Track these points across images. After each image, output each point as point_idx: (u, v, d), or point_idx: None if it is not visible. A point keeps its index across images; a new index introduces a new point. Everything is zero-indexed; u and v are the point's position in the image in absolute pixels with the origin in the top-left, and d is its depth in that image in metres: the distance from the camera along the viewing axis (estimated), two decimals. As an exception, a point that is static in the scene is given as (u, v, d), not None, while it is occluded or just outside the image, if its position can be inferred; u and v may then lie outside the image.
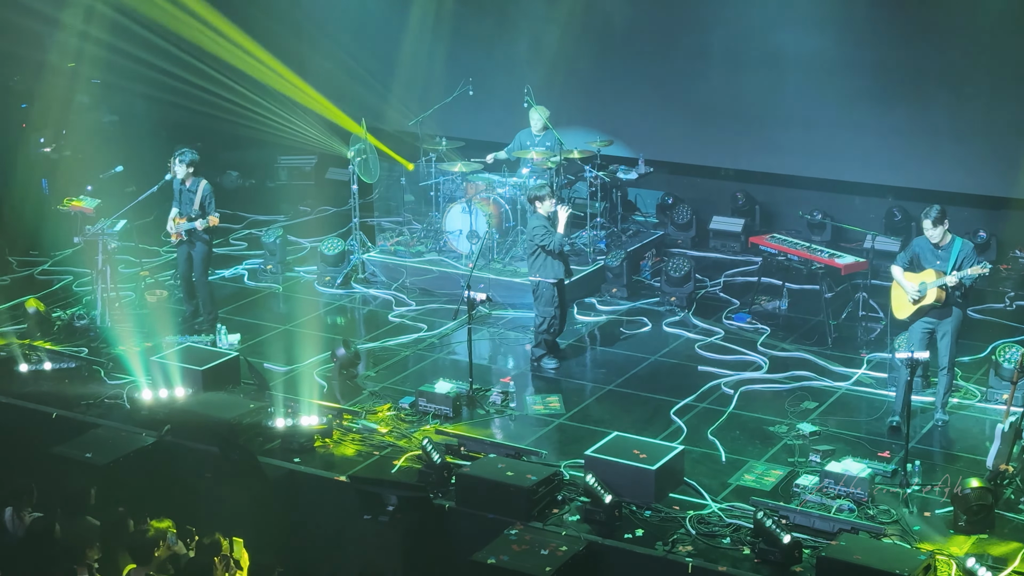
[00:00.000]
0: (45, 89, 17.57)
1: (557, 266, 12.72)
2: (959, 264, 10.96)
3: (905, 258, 11.30)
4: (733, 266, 15.53)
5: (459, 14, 17.16)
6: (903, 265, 11.27)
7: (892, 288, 11.42)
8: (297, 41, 18.48)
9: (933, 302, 11.03)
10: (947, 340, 11.16)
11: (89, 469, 10.93)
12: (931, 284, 10.99)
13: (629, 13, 16.21)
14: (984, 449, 10.66)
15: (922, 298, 11.06)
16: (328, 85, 17.52)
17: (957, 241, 11.08)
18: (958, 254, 11.00)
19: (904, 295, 11.20)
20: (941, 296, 11.00)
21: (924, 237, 11.18)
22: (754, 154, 16.09)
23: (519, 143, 15.38)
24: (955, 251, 11.01)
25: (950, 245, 11.05)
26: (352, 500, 10.41)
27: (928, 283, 11.01)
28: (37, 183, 17.16)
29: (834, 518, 9.75)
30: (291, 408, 11.66)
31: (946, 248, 11.05)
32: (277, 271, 15.46)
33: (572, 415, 11.97)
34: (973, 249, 11.12)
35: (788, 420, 11.63)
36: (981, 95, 14.74)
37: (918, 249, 11.22)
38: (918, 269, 11.17)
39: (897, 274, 11.27)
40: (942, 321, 11.14)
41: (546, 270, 12.70)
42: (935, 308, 11.08)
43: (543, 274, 12.70)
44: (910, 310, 11.19)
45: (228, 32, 17.54)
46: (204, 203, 13.52)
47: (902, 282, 11.21)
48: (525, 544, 9.63)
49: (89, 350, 13.30)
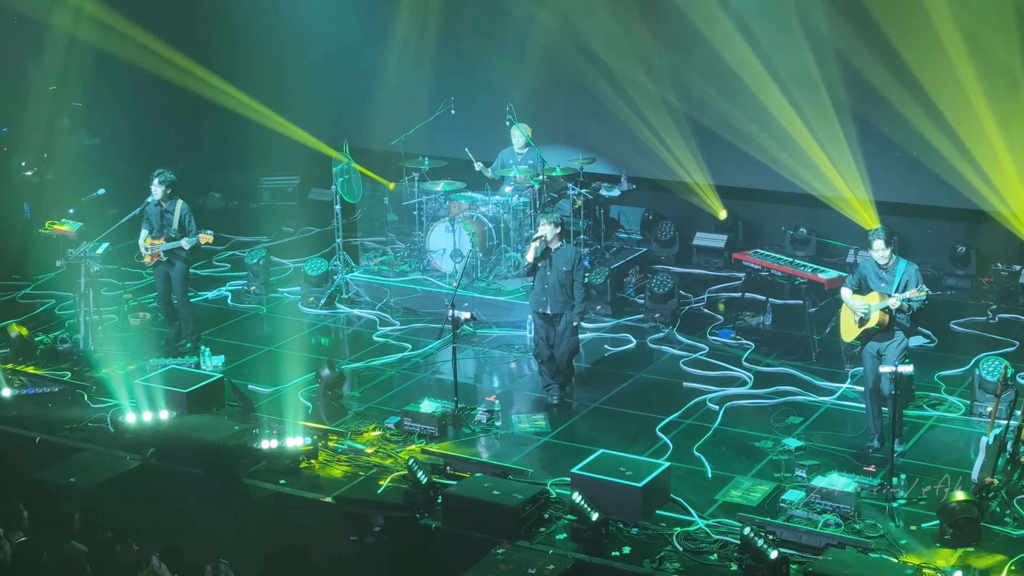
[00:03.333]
0: (26, 112, 17.55)
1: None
2: (902, 286, 10.86)
3: (853, 280, 11.20)
4: (717, 282, 15.57)
5: (441, 34, 17.18)
6: (851, 287, 11.17)
7: (841, 311, 11.34)
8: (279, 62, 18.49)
9: (876, 325, 10.94)
10: (891, 365, 10.80)
11: (73, 493, 10.87)
12: (875, 307, 10.91)
13: (611, 31, 16.25)
14: (969, 462, 10.69)
15: (867, 320, 10.99)
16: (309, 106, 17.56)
17: (901, 263, 10.98)
18: (901, 276, 10.89)
19: (851, 317, 11.12)
20: (884, 319, 10.89)
21: (870, 259, 11.09)
22: (736, 170, 16.13)
23: (501, 162, 15.41)
24: (899, 273, 10.91)
25: (894, 267, 10.96)
26: (338, 521, 10.38)
27: (872, 306, 10.94)
28: (19, 207, 17.11)
29: (821, 533, 9.77)
30: (276, 429, 11.61)
31: (890, 270, 10.95)
32: (261, 292, 15.44)
33: (558, 433, 11.96)
34: (917, 271, 10.99)
35: (774, 435, 11.64)
36: (960, 109, 14.79)
37: (864, 271, 11.12)
38: (865, 291, 11.08)
39: (846, 296, 11.18)
40: (885, 344, 11.01)
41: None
42: (879, 331, 10.99)
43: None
44: (855, 332, 11.12)
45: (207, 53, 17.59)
46: (183, 222, 13.51)
47: (850, 303, 11.11)
48: (512, 563, 9.60)
49: (72, 374, 13.25)
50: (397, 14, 17.26)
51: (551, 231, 12.23)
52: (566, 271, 12.26)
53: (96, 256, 13.81)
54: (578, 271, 12.35)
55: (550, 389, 12.62)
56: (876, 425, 11.23)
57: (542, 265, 12.31)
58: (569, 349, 12.47)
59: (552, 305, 12.35)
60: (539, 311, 12.45)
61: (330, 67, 17.79)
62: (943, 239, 15.35)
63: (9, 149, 17.54)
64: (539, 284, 12.37)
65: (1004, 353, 12.84)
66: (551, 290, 12.30)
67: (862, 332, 11.06)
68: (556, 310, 12.36)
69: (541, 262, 12.31)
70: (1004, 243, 15.12)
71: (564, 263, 12.27)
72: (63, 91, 17.94)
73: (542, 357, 12.54)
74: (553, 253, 12.30)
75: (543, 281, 12.32)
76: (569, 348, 12.46)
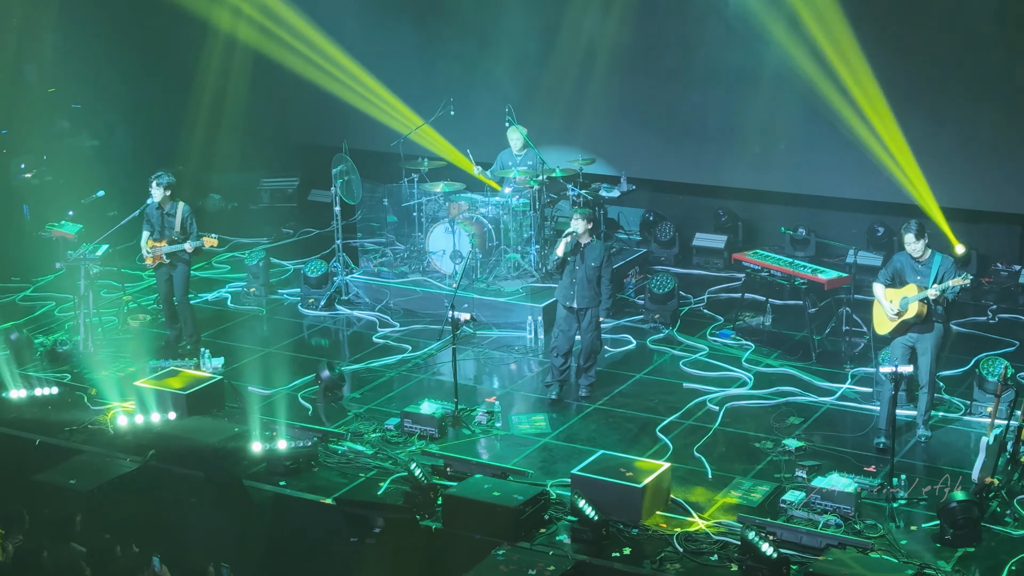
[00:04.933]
0: (25, 114, 17.55)
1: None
2: (940, 278, 10.98)
3: (887, 274, 11.30)
4: (716, 283, 15.56)
5: (440, 34, 17.18)
6: (884, 282, 11.26)
7: (874, 305, 11.42)
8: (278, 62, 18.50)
9: (914, 317, 11.03)
10: (928, 356, 11.16)
11: (73, 495, 10.86)
12: (912, 298, 10.99)
13: (610, 32, 16.25)
14: (969, 462, 10.69)
15: (903, 312, 11.07)
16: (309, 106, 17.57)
17: (937, 256, 11.09)
18: (938, 268, 11.00)
19: (885, 310, 11.22)
20: (923, 311, 11.00)
21: (904, 252, 11.21)
22: (736, 171, 16.13)
23: (501, 163, 15.41)
24: (935, 265, 11.02)
25: (930, 260, 11.07)
26: (338, 523, 10.37)
27: (910, 297, 11.01)
28: (18, 209, 17.11)
29: (821, 533, 9.76)
30: (276, 431, 11.61)
31: (926, 263, 11.07)
32: (260, 294, 15.42)
33: (558, 434, 11.95)
34: (954, 263, 11.13)
35: (774, 436, 11.64)
36: (960, 110, 14.81)
37: (899, 264, 11.23)
38: (900, 285, 11.18)
39: (878, 291, 11.27)
40: (922, 336, 11.13)
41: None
42: (916, 323, 11.09)
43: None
44: (891, 325, 11.19)
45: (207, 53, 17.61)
46: (185, 224, 13.51)
47: (882, 299, 11.21)
48: (513, 564, 9.60)
49: (72, 376, 13.24)
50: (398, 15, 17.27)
51: (583, 226, 12.29)
52: (595, 267, 12.32)
53: (96, 258, 13.80)
54: (606, 268, 12.42)
55: (551, 387, 12.63)
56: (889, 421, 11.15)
57: (571, 260, 12.36)
58: (591, 342, 12.54)
59: (579, 300, 12.40)
60: (566, 304, 12.50)
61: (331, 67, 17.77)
62: (943, 239, 15.32)
63: (8, 151, 17.54)
64: (567, 278, 12.43)
65: (1004, 353, 12.85)
66: (579, 284, 12.36)
67: (899, 324, 11.10)
68: (583, 304, 12.42)
69: (571, 257, 12.34)
70: (1004, 243, 15.13)
71: (594, 259, 12.34)
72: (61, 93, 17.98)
73: (559, 351, 12.57)
74: (584, 248, 12.36)
75: (572, 276, 12.38)
76: (591, 341, 12.53)
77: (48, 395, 12.74)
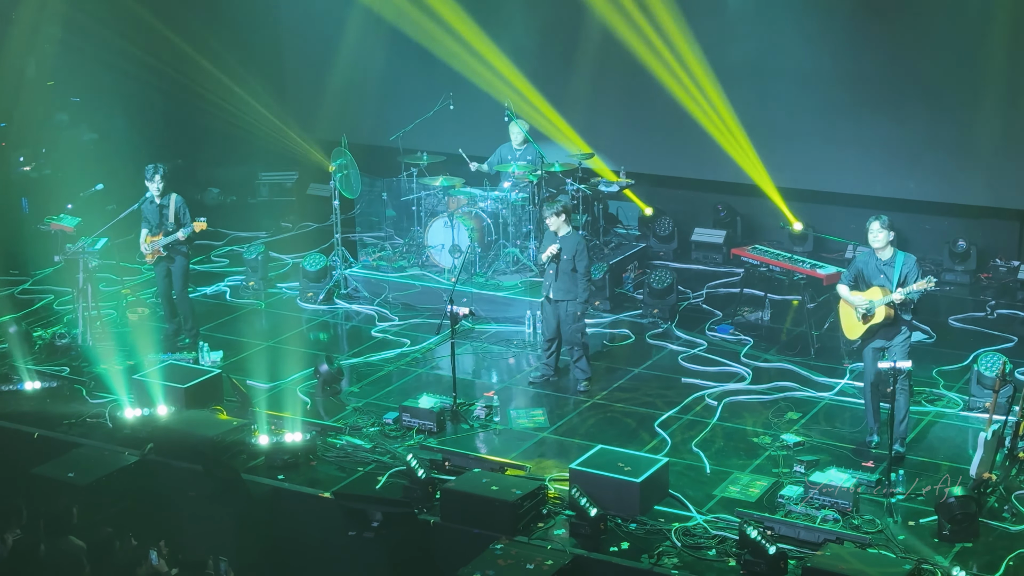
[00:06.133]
0: (24, 107, 17.53)
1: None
2: (903, 279, 10.71)
3: (849, 276, 11.04)
4: (715, 278, 15.56)
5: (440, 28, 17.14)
6: (848, 283, 11.03)
7: (840, 307, 11.18)
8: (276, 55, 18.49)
9: (882, 320, 10.81)
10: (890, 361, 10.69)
11: (71, 489, 10.87)
12: (878, 302, 10.75)
13: (609, 26, 16.23)
14: (967, 458, 10.70)
15: (871, 316, 10.85)
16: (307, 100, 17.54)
17: (900, 255, 10.82)
18: (901, 268, 10.75)
19: (853, 314, 10.97)
20: (890, 314, 10.76)
21: (866, 253, 10.99)
22: (735, 166, 16.11)
23: (500, 157, 15.40)
24: (899, 265, 10.76)
25: (893, 259, 10.81)
26: (337, 517, 10.37)
27: (876, 301, 10.77)
28: (17, 202, 17.09)
29: (819, 528, 9.76)
30: (274, 425, 11.62)
31: (889, 262, 10.81)
32: (259, 287, 15.42)
33: (556, 428, 11.96)
34: (917, 263, 10.85)
35: (772, 431, 11.64)
36: (959, 105, 14.81)
37: (861, 266, 10.95)
38: (864, 287, 10.93)
39: (844, 293, 11.02)
40: (891, 341, 10.91)
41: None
42: (884, 327, 10.87)
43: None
44: (860, 330, 10.96)
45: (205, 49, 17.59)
46: (179, 215, 13.52)
47: (850, 300, 10.96)
48: (511, 559, 9.61)
49: (70, 369, 13.24)
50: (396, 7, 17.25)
51: (555, 222, 12.41)
52: (567, 259, 12.35)
53: (94, 251, 13.80)
54: (580, 260, 12.42)
55: (536, 369, 12.89)
56: (875, 421, 11.22)
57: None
58: (570, 335, 12.60)
59: (556, 291, 12.49)
60: (545, 295, 12.61)
61: (328, 61, 17.76)
62: (943, 235, 15.35)
63: (7, 144, 17.52)
64: (548, 270, 12.58)
65: (1003, 349, 12.86)
66: (557, 276, 12.44)
67: (867, 329, 10.96)
68: (558, 296, 12.49)
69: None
70: (1003, 239, 15.13)
71: (567, 251, 12.37)
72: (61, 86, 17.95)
73: (545, 335, 12.79)
74: (559, 240, 12.41)
75: (551, 267, 12.50)
76: (572, 335, 12.60)
77: (47, 388, 12.74)
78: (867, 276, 10.94)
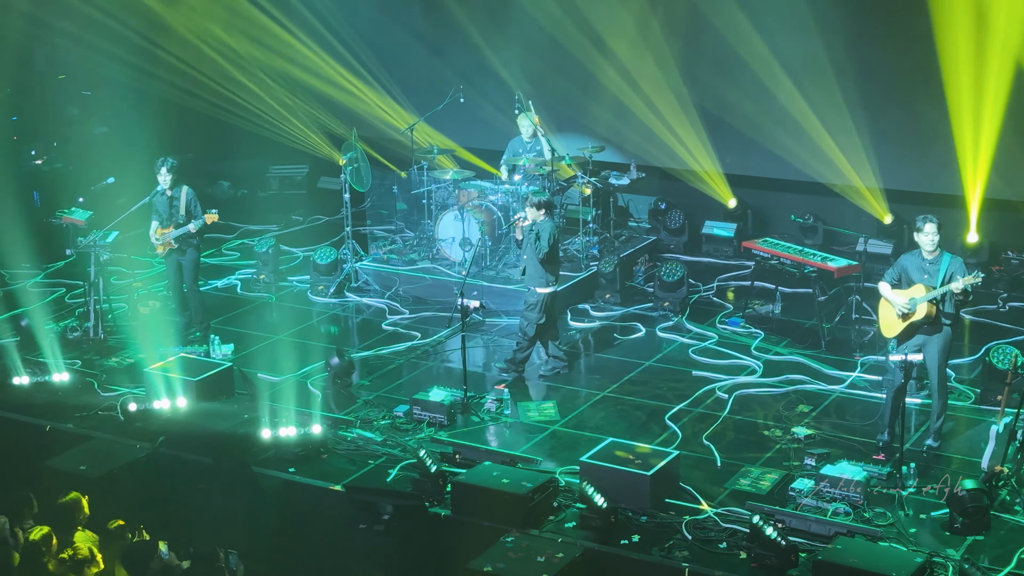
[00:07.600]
0: (36, 101, 17.58)
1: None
2: (948, 278, 10.65)
3: (893, 274, 10.98)
4: (726, 270, 15.54)
5: (450, 21, 17.15)
6: (891, 282, 10.96)
7: (880, 305, 11.13)
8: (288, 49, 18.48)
9: (923, 318, 10.73)
10: (936, 359, 10.80)
11: (83, 482, 10.89)
12: (921, 299, 10.71)
13: (619, 18, 16.20)
14: (979, 451, 10.68)
15: (912, 313, 10.77)
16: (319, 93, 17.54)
17: (946, 256, 10.77)
18: (947, 268, 10.69)
19: (892, 312, 10.90)
20: (931, 311, 10.68)
21: (911, 253, 10.94)
22: (746, 158, 16.09)
23: (512, 151, 15.38)
24: (944, 265, 10.71)
25: (938, 259, 10.76)
26: (348, 509, 10.39)
27: (918, 298, 10.72)
28: (29, 195, 17.14)
29: (830, 521, 9.76)
30: (285, 418, 11.63)
31: (934, 262, 10.76)
32: (270, 281, 15.44)
33: (567, 421, 11.96)
34: (963, 263, 10.79)
35: (783, 424, 11.63)
36: (970, 98, 14.72)
37: (906, 264, 10.90)
38: (906, 286, 10.87)
39: (885, 290, 10.95)
40: (930, 339, 10.81)
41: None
42: (924, 325, 10.79)
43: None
44: (898, 327, 10.89)
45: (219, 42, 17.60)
46: (190, 207, 13.55)
47: (890, 297, 10.89)
48: (521, 551, 9.62)
49: (82, 362, 13.28)
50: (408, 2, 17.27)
51: (533, 213, 12.62)
52: (535, 242, 12.54)
53: (106, 245, 13.82)
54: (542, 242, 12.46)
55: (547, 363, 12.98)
56: (892, 420, 11.01)
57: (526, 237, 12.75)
58: (520, 321, 12.80)
59: (528, 278, 12.75)
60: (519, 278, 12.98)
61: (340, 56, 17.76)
62: (954, 228, 15.27)
63: (19, 138, 17.57)
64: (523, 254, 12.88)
65: (1014, 341, 12.80)
66: (527, 262, 12.71)
67: (907, 326, 10.84)
68: (526, 283, 12.77)
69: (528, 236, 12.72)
70: (1015, 231, 15.07)
71: (536, 235, 12.57)
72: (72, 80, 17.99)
73: None
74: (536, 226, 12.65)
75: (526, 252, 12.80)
76: (520, 321, 12.80)
77: (58, 381, 12.78)
78: (911, 274, 10.84)
